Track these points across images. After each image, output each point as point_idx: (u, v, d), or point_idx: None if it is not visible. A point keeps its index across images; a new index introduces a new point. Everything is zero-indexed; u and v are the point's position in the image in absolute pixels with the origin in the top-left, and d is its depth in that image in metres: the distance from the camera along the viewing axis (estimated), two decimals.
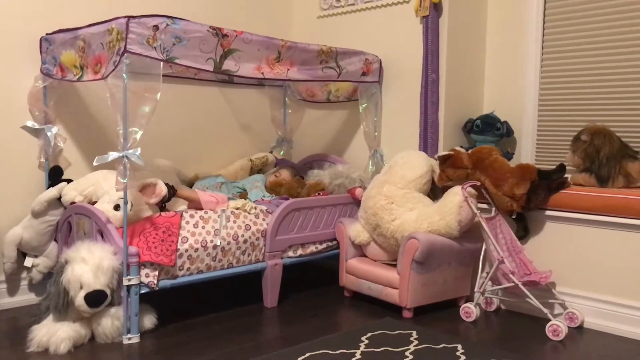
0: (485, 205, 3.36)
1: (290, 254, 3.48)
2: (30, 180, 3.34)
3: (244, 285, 3.77)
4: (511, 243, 3.24)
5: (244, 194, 3.67)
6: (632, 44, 3.39)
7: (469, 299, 3.40)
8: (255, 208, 3.36)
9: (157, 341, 2.82)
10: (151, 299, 3.03)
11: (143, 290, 2.82)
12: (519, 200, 3.17)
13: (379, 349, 2.69)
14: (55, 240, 3.26)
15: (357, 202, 3.75)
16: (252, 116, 4.48)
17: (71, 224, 3.10)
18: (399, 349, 2.70)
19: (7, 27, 3.22)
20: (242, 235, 3.22)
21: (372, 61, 3.86)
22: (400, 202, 3.36)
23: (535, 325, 3.11)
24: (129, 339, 2.78)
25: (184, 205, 3.26)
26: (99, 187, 3.05)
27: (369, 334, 2.89)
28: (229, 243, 3.16)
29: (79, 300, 2.66)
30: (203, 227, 3.07)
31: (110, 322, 2.75)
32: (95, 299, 2.67)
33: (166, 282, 2.92)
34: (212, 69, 2.94)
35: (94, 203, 3.01)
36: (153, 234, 2.88)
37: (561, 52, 3.67)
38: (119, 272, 2.74)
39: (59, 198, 3.15)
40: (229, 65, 3.00)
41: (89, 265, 2.68)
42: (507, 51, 3.88)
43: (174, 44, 2.75)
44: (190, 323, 3.09)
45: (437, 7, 3.66)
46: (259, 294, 3.42)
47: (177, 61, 2.79)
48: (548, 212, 3.26)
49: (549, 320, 2.95)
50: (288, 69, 3.30)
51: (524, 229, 3.32)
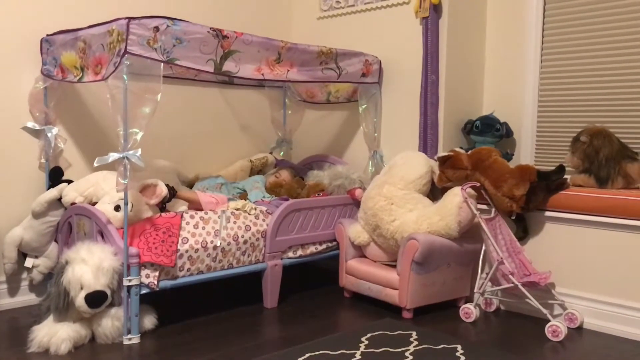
0: (484, 206, 3.36)
1: (290, 254, 3.48)
2: (31, 181, 3.34)
3: (244, 286, 3.77)
4: (511, 244, 3.24)
5: (244, 195, 3.68)
6: (632, 45, 3.40)
7: (469, 299, 3.40)
8: (255, 209, 3.37)
9: (157, 341, 2.82)
10: (151, 299, 3.03)
11: (143, 291, 2.83)
12: (519, 201, 3.17)
13: (379, 350, 2.69)
14: (56, 240, 3.27)
15: (356, 203, 3.75)
16: (252, 117, 4.48)
17: (71, 224, 3.10)
18: (399, 349, 2.70)
19: (8, 28, 3.23)
20: (242, 236, 3.23)
21: (372, 62, 3.87)
22: (400, 203, 3.36)
23: (534, 326, 3.11)
24: (130, 339, 2.79)
25: (184, 206, 3.26)
26: (100, 188, 3.05)
27: (368, 335, 2.89)
28: (229, 244, 3.16)
29: (80, 300, 2.66)
30: (203, 228, 3.08)
31: (110, 322, 2.76)
32: (96, 299, 2.67)
33: (166, 283, 2.92)
34: (212, 70, 2.94)
35: (94, 204, 3.01)
36: (153, 234, 2.88)
37: (561, 53, 3.67)
38: (119, 273, 2.75)
39: (60, 199, 3.15)
40: (229, 66, 3.00)
41: (90, 265, 2.68)
42: (506, 52, 3.88)
43: (174, 45, 2.75)
44: (191, 323, 3.09)
45: (436, 8, 3.66)
46: (259, 295, 3.42)
47: (178, 62, 2.79)
48: (547, 213, 3.26)
49: (549, 320, 2.96)
50: (288, 70, 3.31)
51: (524, 230, 3.33)
